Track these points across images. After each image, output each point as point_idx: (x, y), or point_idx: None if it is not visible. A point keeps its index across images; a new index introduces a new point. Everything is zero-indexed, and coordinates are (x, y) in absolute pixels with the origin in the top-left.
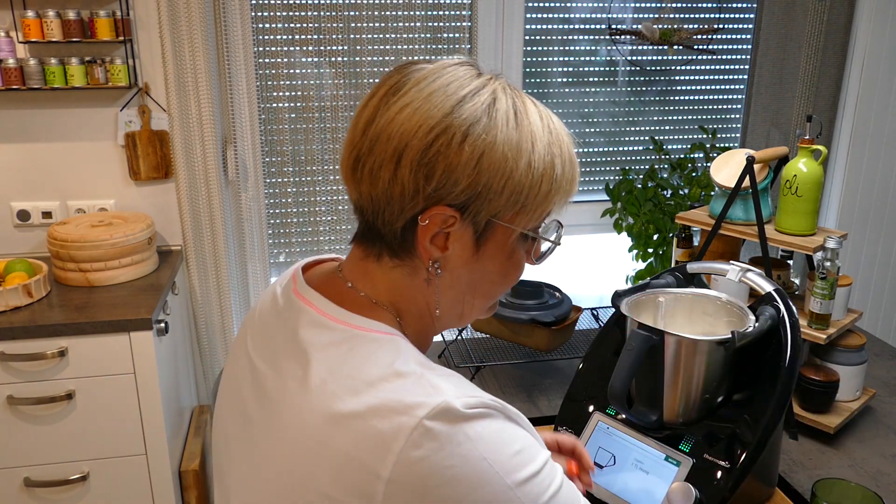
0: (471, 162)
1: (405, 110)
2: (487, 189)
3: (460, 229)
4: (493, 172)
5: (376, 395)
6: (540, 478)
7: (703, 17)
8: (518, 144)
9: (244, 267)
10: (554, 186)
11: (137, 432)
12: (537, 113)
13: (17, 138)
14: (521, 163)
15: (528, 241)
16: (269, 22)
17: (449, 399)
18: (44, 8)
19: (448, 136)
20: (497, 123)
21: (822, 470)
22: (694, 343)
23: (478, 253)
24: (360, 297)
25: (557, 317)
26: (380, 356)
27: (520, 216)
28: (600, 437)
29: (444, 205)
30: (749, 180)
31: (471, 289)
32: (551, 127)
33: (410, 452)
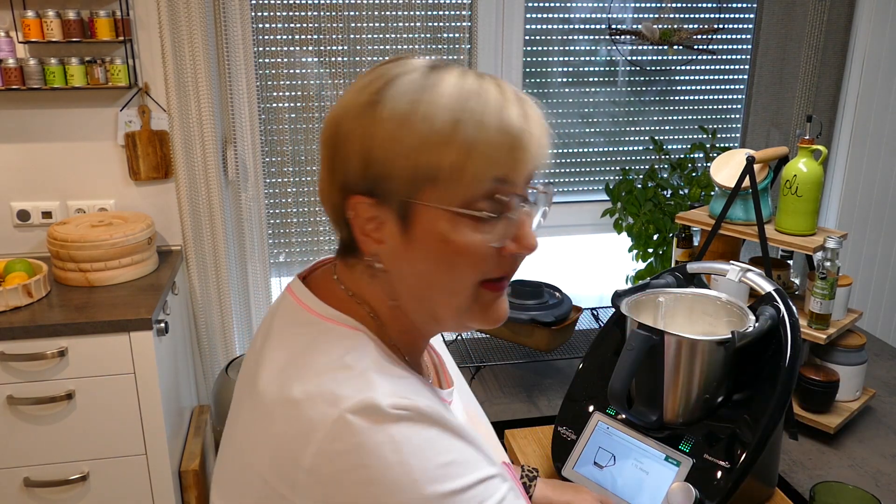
0: (356, 145)
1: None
2: (383, 168)
3: (382, 217)
4: (381, 151)
5: (317, 384)
6: (468, 496)
7: (703, 17)
8: (405, 116)
9: (244, 267)
10: (470, 155)
11: (137, 432)
12: (456, 82)
13: (17, 138)
14: (412, 136)
15: (473, 222)
16: (269, 22)
17: (376, 396)
18: (44, 8)
19: (338, 124)
20: (385, 101)
21: (822, 470)
22: (694, 343)
23: (409, 241)
24: (342, 292)
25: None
26: (335, 348)
27: (440, 192)
28: (600, 437)
29: (356, 194)
30: (749, 180)
31: (425, 284)
32: (468, 90)
33: (329, 445)
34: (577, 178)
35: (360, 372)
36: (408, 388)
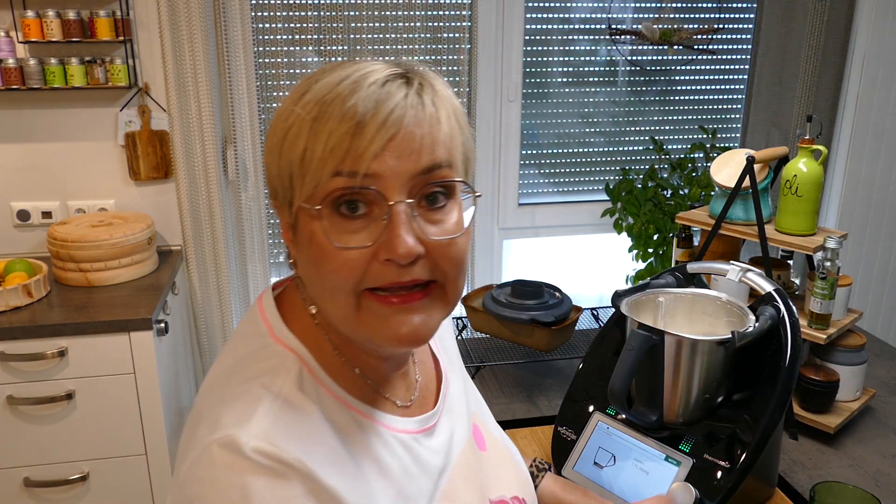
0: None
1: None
2: (273, 172)
3: (286, 220)
4: (268, 152)
5: (221, 401)
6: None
7: (703, 17)
8: (272, 122)
9: (244, 267)
10: (309, 146)
11: (137, 432)
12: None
13: (17, 138)
14: (272, 139)
15: (319, 220)
16: (269, 22)
17: (241, 435)
18: (44, 8)
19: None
20: (284, 108)
21: (822, 470)
22: (694, 343)
23: (297, 244)
24: (300, 302)
25: (557, 317)
26: (260, 366)
27: (300, 189)
28: (600, 437)
29: (273, 198)
30: (749, 180)
31: (314, 290)
32: (315, 85)
33: (193, 468)
34: (577, 178)
35: (254, 400)
36: (294, 433)
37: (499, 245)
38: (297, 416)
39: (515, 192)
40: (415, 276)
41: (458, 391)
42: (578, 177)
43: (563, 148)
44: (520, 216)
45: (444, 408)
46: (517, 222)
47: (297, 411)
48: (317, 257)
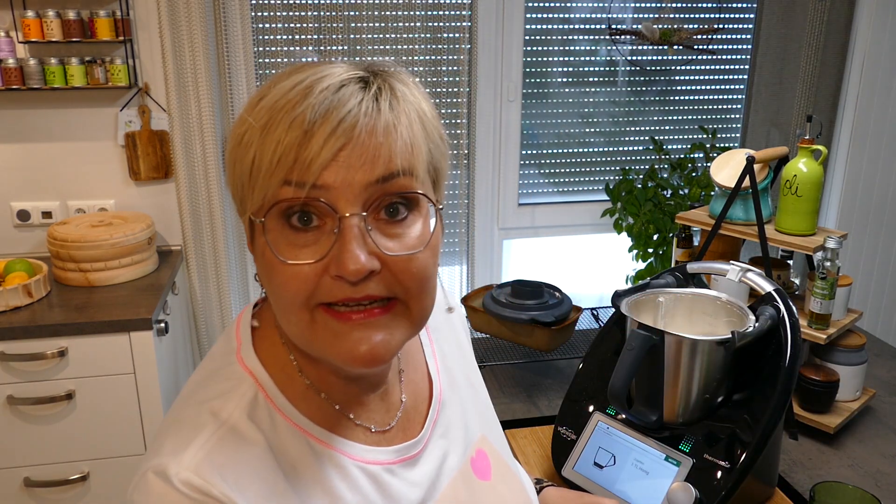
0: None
1: None
2: (232, 180)
3: (248, 233)
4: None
5: (172, 423)
6: None
7: (703, 17)
8: (235, 122)
9: (244, 267)
10: (257, 156)
11: (137, 432)
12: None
13: (17, 138)
14: (229, 146)
15: (288, 233)
16: (269, 22)
17: (172, 465)
18: (44, 8)
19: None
20: (244, 111)
21: (822, 470)
22: (694, 343)
23: (255, 257)
24: (271, 315)
25: (557, 317)
26: (216, 387)
27: (250, 199)
28: (600, 437)
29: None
30: (749, 180)
31: (272, 303)
32: (269, 91)
33: (132, 493)
34: (577, 178)
35: (198, 426)
36: (231, 465)
37: (499, 245)
38: (237, 448)
39: (515, 192)
40: (369, 292)
41: (457, 414)
42: (578, 177)
43: (563, 148)
44: (520, 216)
45: (432, 433)
46: (517, 222)
47: (240, 442)
48: (267, 271)
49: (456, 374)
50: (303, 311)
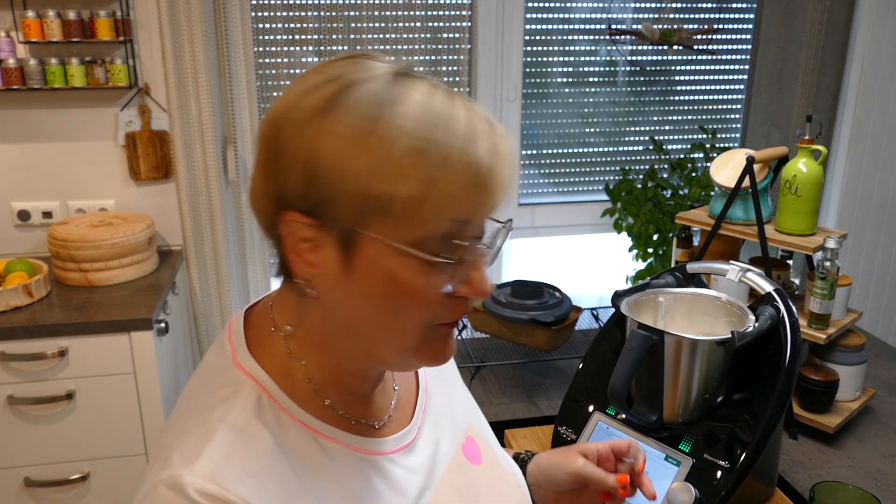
0: (300, 156)
1: (274, 104)
2: (328, 189)
3: (322, 241)
4: (327, 169)
5: (173, 434)
6: None
7: (702, 17)
8: (361, 133)
9: (244, 267)
10: (430, 189)
11: (137, 432)
12: (423, 101)
13: (18, 138)
14: (363, 158)
15: (428, 264)
16: (269, 22)
17: (186, 476)
18: (44, 8)
19: (285, 129)
20: (339, 111)
21: (821, 470)
22: (694, 343)
23: (349, 272)
24: (267, 321)
25: (557, 317)
26: (216, 394)
27: (390, 226)
28: (600, 437)
29: (293, 210)
30: (749, 180)
31: (362, 320)
32: (436, 113)
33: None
34: (577, 178)
35: (206, 434)
36: (243, 469)
37: None
38: (249, 451)
39: (515, 192)
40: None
41: (443, 402)
42: (578, 177)
43: (563, 148)
44: (520, 216)
45: (423, 421)
46: (517, 222)
47: (251, 444)
48: (391, 295)
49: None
50: (417, 330)
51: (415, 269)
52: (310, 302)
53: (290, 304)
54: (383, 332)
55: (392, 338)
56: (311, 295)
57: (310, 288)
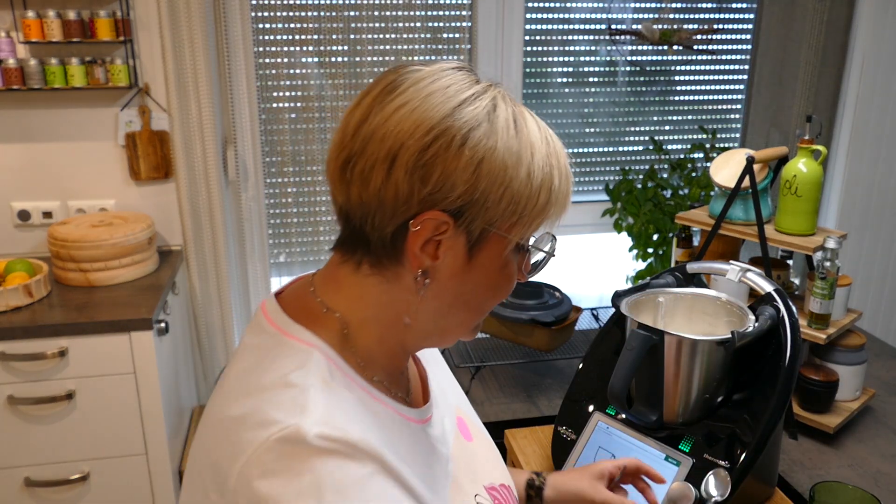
0: (469, 167)
1: (401, 110)
2: (485, 196)
3: (453, 237)
4: (492, 179)
5: (257, 402)
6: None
7: (702, 17)
8: (518, 153)
9: (244, 267)
10: (551, 198)
11: (137, 432)
12: (535, 123)
13: (18, 138)
14: (521, 171)
15: (520, 254)
16: (269, 22)
17: (304, 425)
18: (44, 8)
19: (447, 139)
20: (497, 129)
21: (821, 470)
22: (694, 343)
23: (470, 263)
24: (314, 304)
25: (557, 317)
26: (285, 363)
27: (516, 227)
28: (600, 437)
29: (438, 210)
30: (749, 180)
31: (459, 302)
32: (549, 139)
33: (251, 469)
34: (577, 178)
35: (299, 392)
36: (348, 415)
37: None
38: (343, 402)
39: None
40: None
41: (437, 384)
42: (578, 177)
43: None
44: None
45: (433, 400)
46: None
47: (342, 398)
48: (501, 282)
49: (426, 352)
50: (489, 309)
51: (515, 259)
52: (396, 289)
53: (354, 288)
54: (473, 312)
55: (475, 317)
56: (423, 283)
57: (427, 278)
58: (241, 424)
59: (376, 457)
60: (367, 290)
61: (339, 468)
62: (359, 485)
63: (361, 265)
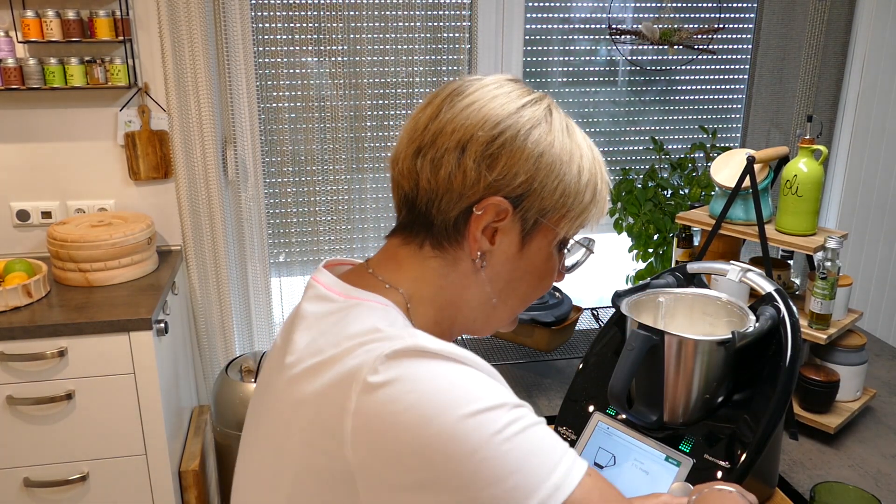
0: (531, 157)
1: (472, 106)
2: (542, 186)
3: (510, 224)
4: (549, 171)
5: (354, 342)
6: (502, 412)
7: (703, 17)
8: (571, 151)
9: (244, 267)
10: (595, 198)
11: (137, 432)
12: (581, 133)
13: (17, 138)
14: (573, 168)
15: (560, 253)
16: (269, 22)
17: (419, 340)
18: (43, 8)
19: (513, 131)
20: (554, 130)
21: (822, 470)
22: (694, 343)
23: (522, 251)
24: (375, 280)
25: (557, 317)
26: (368, 318)
27: (563, 221)
28: (600, 437)
29: (501, 196)
30: (749, 180)
31: (508, 288)
32: (592, 147)
33: (372, 378)
34: None
35: (398, 329)
36: (448, 344)
37: None
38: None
39: None
40: None
41: None
42: None
43: None
44: None
45: None
46: None
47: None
48: (545, 273)
49: None
50: (532, 301)
51: (559, 252)
52: (455, 272)
53: (415, 268)
54: (518, 300)
55: (519, 306)
56: (481, 266)
57: (484, 261)
58: (344, 358)
59: (484, 369)
60: (427, 271)
61: (454, 368)
62: (472, 377)
63: (423, 247)
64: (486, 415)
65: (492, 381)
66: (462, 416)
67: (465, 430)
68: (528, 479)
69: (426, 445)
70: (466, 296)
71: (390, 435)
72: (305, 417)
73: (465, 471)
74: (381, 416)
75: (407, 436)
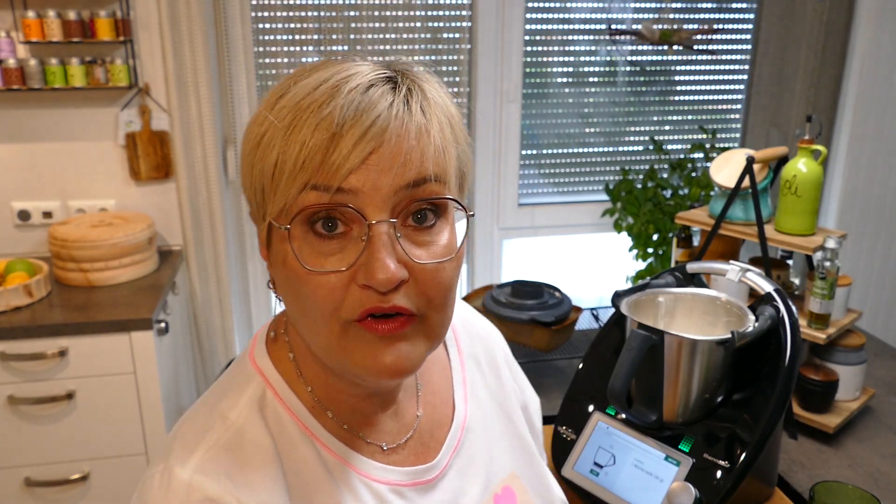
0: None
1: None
2: (242, 177)
3: (261, 235)
4: (241, 159)
5: (184, 420)
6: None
7: (702, 18)
8: (251, 120)
9: (244, 267)
10: (281, 153)
11: (137, 432)
12: (318, 75)
13: (18, 138)
14: (246, 139)
15: (316, 240)
16: (269, 22)
17: (175, 468)
18: (44, 8)
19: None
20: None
21: (821, 470)
22: (694, 343)
23: (271, 263)
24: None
25: (557, 317)
26: (231, 388)
27: (272, 203)
28: (600, 437)
29: (251, 210)
30: (749, 180)
31: (293, 316)
32: (312, 79)
33: (137, 492)
34: (577, 178)
35: (206, 429)
36: (235, 470)
37: (498, 245)
38: (243, 453)
39: (515, 192)
40: (397, 303)
41: (483, 443)
42: (578, 177)
43: (563, 148)
44: (520, 216)
45: (452, 460)
46: (517, 222)
47: (247, 445)
48: (290, 281)
49: (487, 404)
50: (332, 323)
51: (294, 246)
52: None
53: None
54: (305, 327)
55: (313, 335)
56: (270, 288)
57: (273, 288)
58: (167, 444)
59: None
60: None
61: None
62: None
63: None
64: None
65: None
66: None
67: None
68: None
69: None
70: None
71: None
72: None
73: None
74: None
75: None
